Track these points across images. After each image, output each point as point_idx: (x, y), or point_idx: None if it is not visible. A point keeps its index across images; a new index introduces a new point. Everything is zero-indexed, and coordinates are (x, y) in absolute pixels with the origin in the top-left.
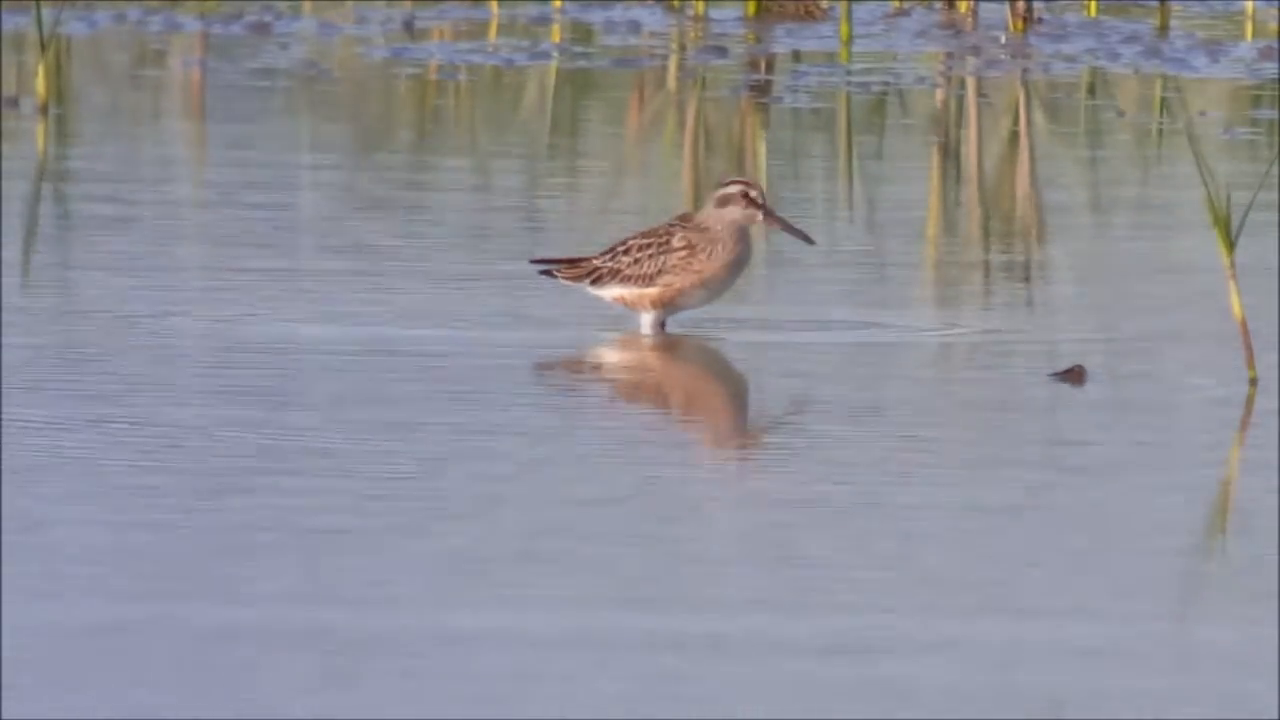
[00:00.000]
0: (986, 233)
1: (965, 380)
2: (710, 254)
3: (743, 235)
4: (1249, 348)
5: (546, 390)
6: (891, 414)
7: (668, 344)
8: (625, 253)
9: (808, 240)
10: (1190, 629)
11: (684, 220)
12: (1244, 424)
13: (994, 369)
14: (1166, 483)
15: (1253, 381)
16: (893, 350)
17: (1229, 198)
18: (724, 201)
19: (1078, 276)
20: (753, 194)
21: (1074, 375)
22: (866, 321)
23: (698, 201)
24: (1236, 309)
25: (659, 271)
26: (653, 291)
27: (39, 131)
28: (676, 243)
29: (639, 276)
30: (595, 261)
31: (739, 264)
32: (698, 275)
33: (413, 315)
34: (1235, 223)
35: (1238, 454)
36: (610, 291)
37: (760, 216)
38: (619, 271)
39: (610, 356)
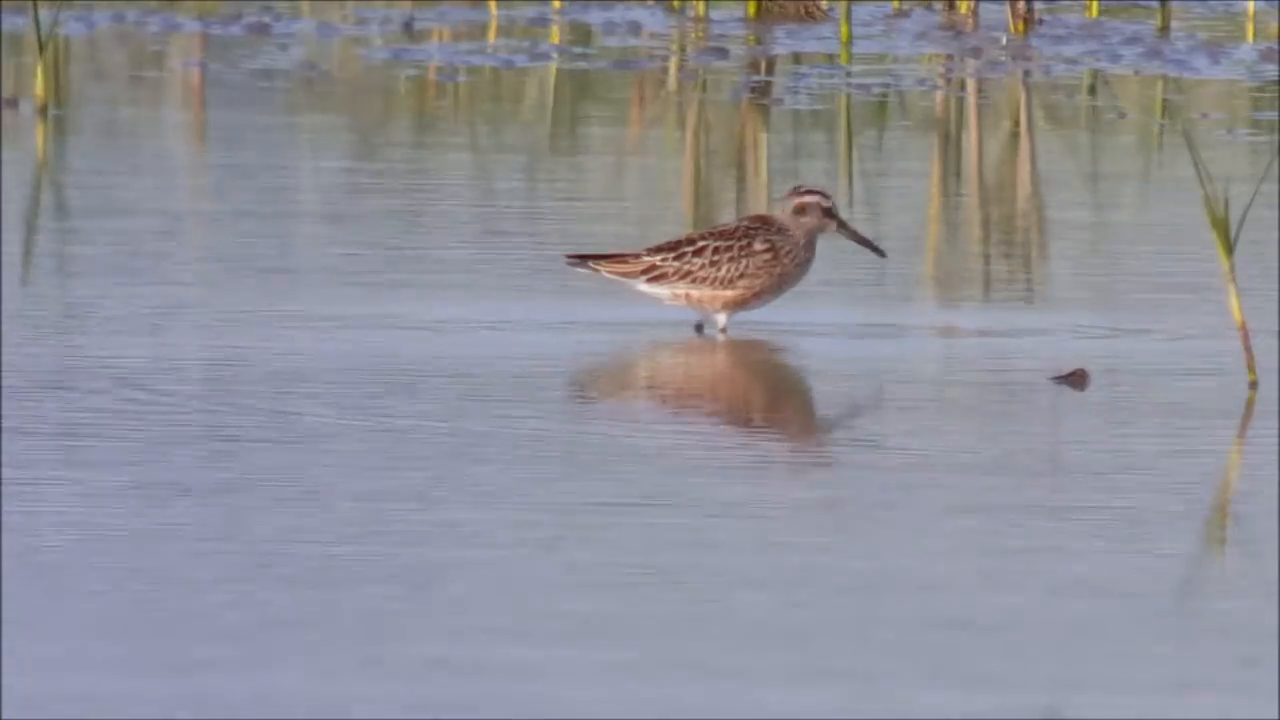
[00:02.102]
0: (987, 235)
1: (966, 384)
2: (792, 257)
3: (812, 241)
4: (1249, 350)
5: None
6: (890, 417)
7: (727, 346)
8: (697, 254)
9: (879, 253)
10: (1190, 631)
11: (763, 223)
12: (1244, 426)
13: (995, 372)
14: (1168, 485)
15: (1253, 384)
16: (892, 353)
17: (1228, 200)
18: (802, 210)
19: (1079, 279)
20: (827, 205)
21: (1076, 379)
22: (867, 324)
23: (698, 204)
24: (1236, 311)
25: (740, 275)
26: (729, 294)
27: (38, 132)
28: (759, 246)
29: (716, 279)
30: (651, 259)
31: (807, 268)
32: (778, 279)
33: (415, 318)
34: (1234, 226)
35: (1238, 456)
36: (673, 290)
37: (834, 226)
38: (690, 272)
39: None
